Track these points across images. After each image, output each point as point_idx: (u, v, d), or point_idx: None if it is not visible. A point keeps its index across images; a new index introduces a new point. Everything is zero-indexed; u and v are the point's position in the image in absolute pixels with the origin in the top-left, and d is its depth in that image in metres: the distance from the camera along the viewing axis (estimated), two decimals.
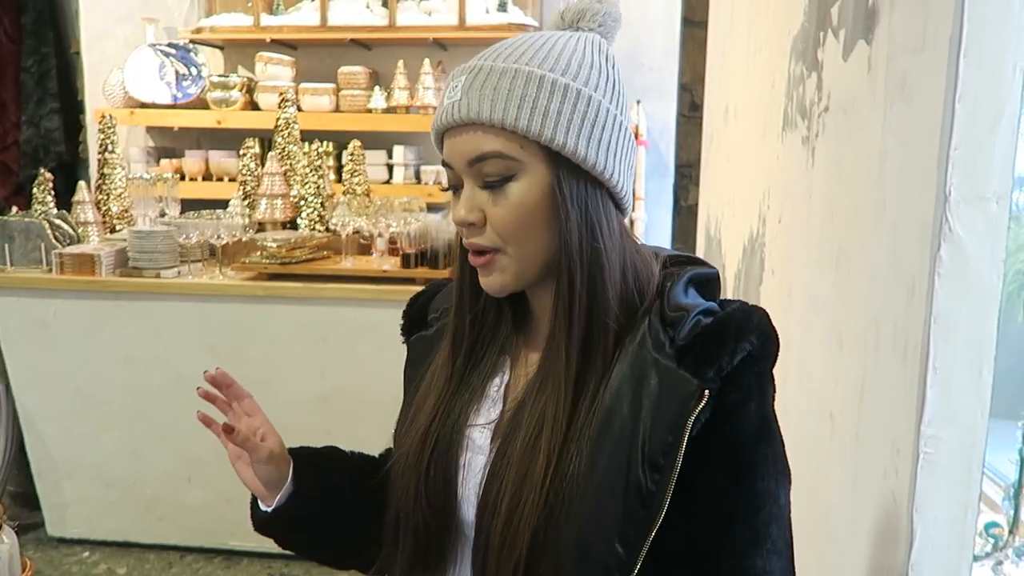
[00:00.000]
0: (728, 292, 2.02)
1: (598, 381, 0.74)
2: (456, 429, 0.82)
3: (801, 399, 1.33)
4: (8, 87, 4.32)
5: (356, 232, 2.49)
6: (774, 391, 0.73)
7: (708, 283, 0.78)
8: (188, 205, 3.08)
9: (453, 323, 0.84)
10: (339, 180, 3.25)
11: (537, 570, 0.71)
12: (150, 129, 3.92)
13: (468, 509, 0.80)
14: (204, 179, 3.66)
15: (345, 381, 2.45)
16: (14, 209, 4.81)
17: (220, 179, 3.64)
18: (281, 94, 2.82)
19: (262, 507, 0.87)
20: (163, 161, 3.75)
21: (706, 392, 0.68)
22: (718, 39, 2.47)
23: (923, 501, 0.90)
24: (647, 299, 0.76)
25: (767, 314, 0.72)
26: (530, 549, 0.71)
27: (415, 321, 0.95)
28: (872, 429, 1.04)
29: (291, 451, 0.89)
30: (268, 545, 0.90)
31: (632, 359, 0.73)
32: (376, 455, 0.98)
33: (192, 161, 3.65)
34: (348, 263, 2.49)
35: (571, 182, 0.73)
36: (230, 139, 3.72)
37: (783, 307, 1.51)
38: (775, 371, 0.73)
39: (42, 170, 2.92)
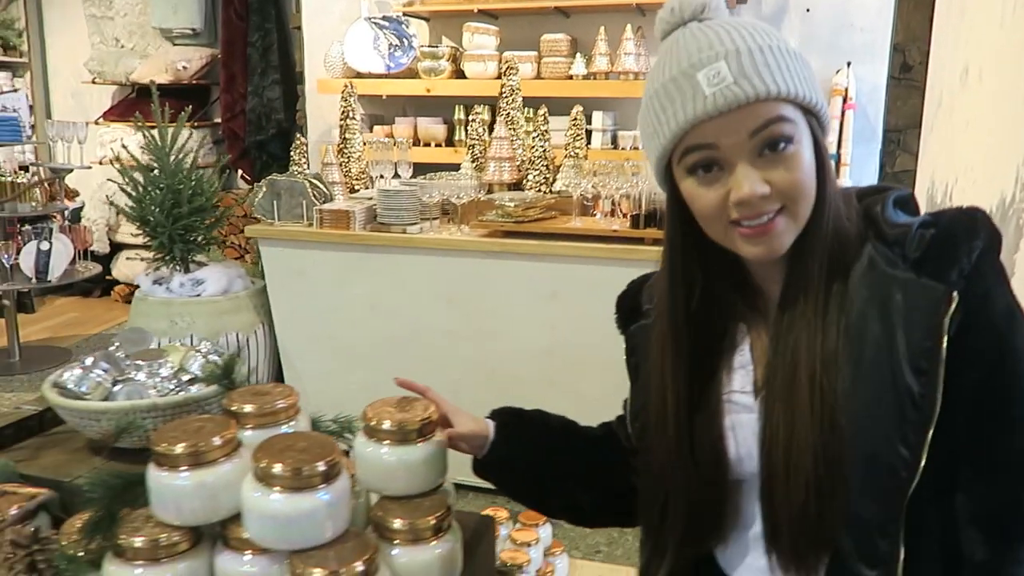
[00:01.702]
0: None
1: (839, 309, 0.79)
2: (711, 401, 0.86)
3: None
4: (237, 60, 4.77)
5: (582, 194, 2.63)
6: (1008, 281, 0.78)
7: (909, 201, 0.84)
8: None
9: (669, 319, 0.87)
10: None
11: (827, 486, 0.76)
12: (361, 97, 4.22)
13: (749, 463, 0.84)
14: (413, 144, 3.91)
15: (571, 336, 2.57)
16: (239, 172, 5.31)
17: (427, 144, 3.87)
18: (506, 62, 2.98)
19: (477, 457, 1.06)
20: (375, 128, 4.03)
21: (954, 294, 0.73)
22: None
23: None
24: (855, 229, 0.81)
25: (985, 212, 0.78)
26: (821, 468, 0.76)
27: (630, 313, 0.99)
28: None
29: (496, 414, 1.07)
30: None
31: (868, 282, 0.78)
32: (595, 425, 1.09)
33: (402, 127, 3.89)
34: (578, 223, 2.62)
35: (821, 138, 0.80)
36: (434, 106, 3.95)
37: None
38: None
39: (299, 135, 3.23)
